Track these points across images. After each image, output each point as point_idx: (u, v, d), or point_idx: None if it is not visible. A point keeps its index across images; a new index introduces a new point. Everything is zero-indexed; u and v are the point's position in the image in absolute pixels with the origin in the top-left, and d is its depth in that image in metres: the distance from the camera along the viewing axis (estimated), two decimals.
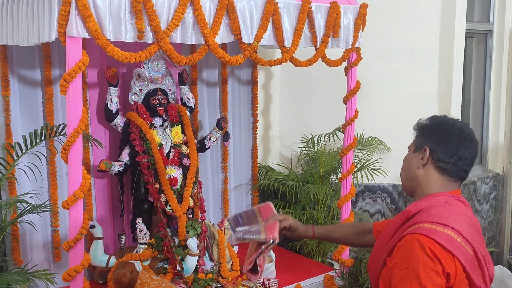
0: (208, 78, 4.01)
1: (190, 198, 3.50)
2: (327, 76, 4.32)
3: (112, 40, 2.50)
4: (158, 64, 3.47)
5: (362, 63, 3.61)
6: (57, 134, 2.90)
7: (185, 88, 3.69)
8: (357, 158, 4.26)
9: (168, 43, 2.65)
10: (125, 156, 3.43)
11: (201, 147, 3.72)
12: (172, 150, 3.50)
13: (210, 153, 4.03)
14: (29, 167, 2.92)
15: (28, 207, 2.79)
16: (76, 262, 2.47)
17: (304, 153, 4.42)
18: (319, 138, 4.34)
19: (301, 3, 3.16)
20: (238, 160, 4.28)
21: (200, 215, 3.65)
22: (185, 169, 3.52)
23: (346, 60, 3.57)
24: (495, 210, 5.22)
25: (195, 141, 3.66)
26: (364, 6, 3.46)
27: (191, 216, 3.64)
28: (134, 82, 3.46)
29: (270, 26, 3.08)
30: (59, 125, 2.91)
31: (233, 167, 4.24)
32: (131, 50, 2.63)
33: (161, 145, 3.45)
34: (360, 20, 3.47)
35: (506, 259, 5.18)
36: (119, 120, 3.43)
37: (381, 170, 4.18)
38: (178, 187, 3.46)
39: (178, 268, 3.30)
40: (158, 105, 3.48)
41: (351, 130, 3.67)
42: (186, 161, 3.53)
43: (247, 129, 4.32)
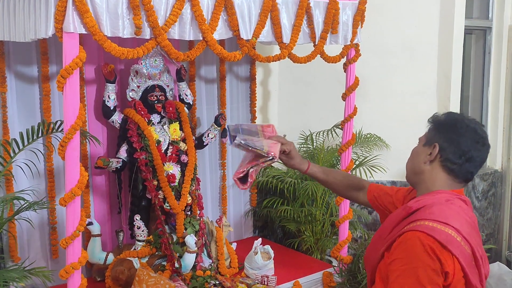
0: (206, 75, 4.00)
1: (188, 195, 3.49)
2: (326, 73, 4.31)
3: (110, 36, 2.48)
4: (156, 61, 3.45)
5: (361, 60, 3.60)
6: (54, 131, 2.89)
7: (183, 85, 3.67)
8: (356, 155, 4.26)
9: (166, 39, 2.63)
10: (123, 153, 3.42)
11: (199, 144, 3.71)
12: (170, 147, 3.49)
13: (208, 150, 4.02)
14: (26, 164, 2.91)
15: (25, 204, 2.78)
16: (74, 259, 2.45)
17: (303, 150, 4.41)
18: (318, 135, 4.33)
19: None
20: (237, 157, 4.26)
21: (198, 212, 3.64)
22: (183, 166, 3.51)
23: (345, 57, 3.56)
24: (494, 207, 5.22)
25: (193, 138, 3.64)
26: (363, 2, 3.45)
27: (189, 213, 3.64)
28: (132, 79, 3.45)
29: (269, 22, 3.06)
30: (56, 122, 2.90)
31: (231, 164, 4.23)
32: (129, 46, 2.61)
33: (159, 142, 3.44)
34: (359, 16, 3.45)
35: (505, 256, 5.18)
36: (117, 117, 3.41)
37: (380, 167, 4.18)
38: (176, 184, 3.45)
39: (176, 265, 3.30)
40: (156, 102, 3.46)
41: (350, 127, 3.66)
42: (184, 158, 3.52)
43: None
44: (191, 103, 3.73)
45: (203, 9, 2.74)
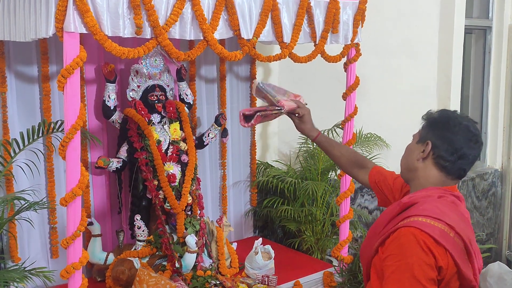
0: (207, 74, 4.00)
1: (189, 195, 3.49)
2: (326, 72, 4.30)
3: (110, 36, 2.47)
4: (156, 60, 3.45)
5: (361, 59, 3.60)
6: (55, 131, 2.89)
7: (184, 84, 3.67)
8: None
9: (167, 39, 2.63)
10: (123, 153, 3.42)
11: (200, 144, 3.70)
12: (171, 147, 3.48)
13: (209, 150, 4.02)
14: (27, 164, 2.90)
15: (26, 204, 2.77)
16: (74, 259, 2.45)
17: (303, 150, 4.41)
18: None
19: None
20: (237, 157, 4.27)
21: (199, 212, 3.64)
22: (184, 166, 3.51)
23: (345, 56, 3.55)
24: (494, 207, 5.22)
25: (194, 138, 3.64)
26: (364, 2, 3.44)
27: (190, 213, 3.63)
28: (132, 78, 3.44)
29: (269, 22, 3.06)
30: (57, 122, 2.89)
31: (232, 164, 4.23)
32: (129, 46, 2.60)
33: (160, 142, 3.44)
34: (360, 16, 3.45)
35: (505, 256, 5.19)
36: (117, 117, 3.41)
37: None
38: (177, 184, 3.45)
39: (177, 265, 3.29)
40: (156, 102, 3.46)
41: (350, 127, 3.65)
42: (185, 158, 3.52)
43: None
44: (192, 103, 3.73)
45: (204, 9, 2.74)
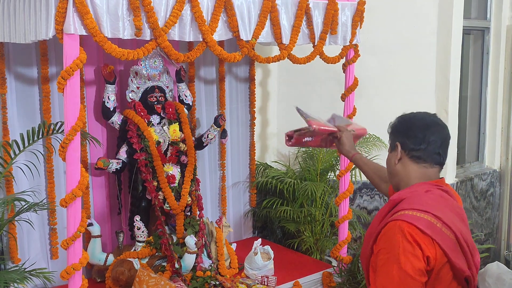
0: (206, 76, 4.01)
1: (188, 196, 3.50)
2: (325, 73, 4.32)
3: (110, 37, 2.48)
4: (156, 62, 3.46)
5: (360, 60, 3.61)
6: (55, 132, 2.89)
7: (183, 86, 3.68)
8: None
9: (166, 40, 2.64)
10: (123, 154, 3.43)
11: (199, 145, 3.71)
12: (170, 148, 3.49)
13: (208, 151, 4.03)
14: (27, 165, 2.91)
15: (26, 205, 2.78)
16: (75, 260, 2.46)
17: (302, 150, 4.41)
18: None
19: (299, 0, 3.15)
20: (236, 158, 4.28)
21: (198, 213, 3.65)
22: (183, 167, 3.52)
23: (344, 57, 3.57)
24: (492, 207, 5.23)
25: (193, 139, 3.65)
26: (362, 3, 3.46)
27: (189, 214, 3.64)
28: (132, 80, 3.45)
29: (268, 23, 3.07)
30: (57, 123, 2.90)
31: (231, 165, 4.24)
32: (128, 48, 2.61)
33: (159, 143, 3.45)
34: (358, 17, 3.46)
35: (503, 256, 5.20)
36: (117, 118, 3.41)
37: None
38: (176, 185, 3.46)
39: (176, 266, 3.30)
40: (156, 103, 3.47)
41: None
42: (184, 159, 3.52)
43: (245, 127, 4.32)
44: (191, 104, 3.74)
45: (203, 10, 2.75)
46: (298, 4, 3.16)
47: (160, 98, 3.48)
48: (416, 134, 1.96)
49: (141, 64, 3.41)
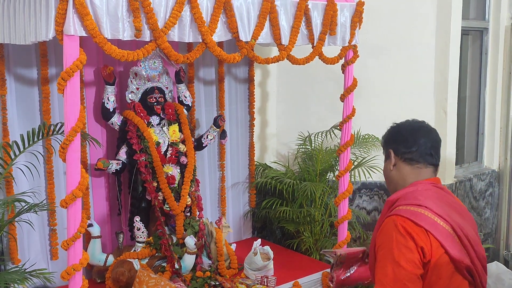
0: (205, 76, 4.01)
1: (188, 196, 3.50)
2: (324, 74, 4.33)
3: (109, 39, 2.49)
4: (155, 63, 3.47)
5: (359, 61, 3.61)
6: (55, 133, 2.89)
7: (182, 87, 3.69)
8: (354, 156, 4.27)
9: (166, 41, 2.64)
10: (123, 155, 3.43)
11: (199, 146, 3.72)
12: (170, 149, 3.50)
13: (207, 151, 4.04)
14: (27, 166, 2.92)
15: (26, 206, 2.79)
16: (75, 261, 2.46)
17: (301, 151, 4.42)
18: (316, 136, 4.34)
19: (298, 1, 3.16)
20: (235, 158, 4.28)
21: (198, 213, 3.65)
22: (183, 167, 3.52)
23: (343, 58, 3.57)
24: (491, 207, 5.24)
25: (193, 140, 3.66)
26: (361, 4, 3.46)
27: (189, 214, 3.65)
28: (131, 81, 3.46)
29: (267, 24, 3.07)
30: (57, 124, 2.90)
31: (230, 165, 4.24)
32: (127, 49, 2.62)
33: (159, 144, 3.45)
34: (357, 18, 3.47)
35: (502, 256, 5.21)
36: (116, 119, 3.42)
37: (378, 168, 4.18)
38: (176, 186, 3.46)
39: (176, 266, 3.31)
40: (155, 104, 3.47)
41: (348, 128, 3.67)
42: (184, 160, 3.53)
43: (244, 127, 4.32)
44: (190, 105, 3.74)
45: (203, 11, 2.76)
46: (297, 5, 3.16)
47: (160, 99, 3.49)
48: (406, 138, 2.04)
49: (141, 65, 3.42)
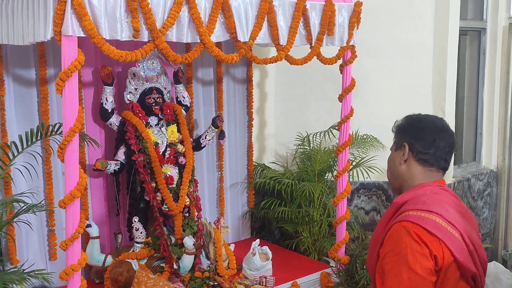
0: (203, 77, 4.02)
1: (186, 197, 3.50)
2: (322, 74, 4.33)
3: (108, 39, 2.49)
4: (153, 63, 3.47)
5: (357, 61, 3.62)
6: (53, 133, 2.89)
7: (180, 87, 3.69)
8: (352, 156, 4.28)
9: (164, 42, 2.65)
10: (121, 155, 3.43)
11: (197, 146, 3.72)
12: (168, 149, 3.50)
13: (206, 152, 4.04)
14: (25, 167, 2.92)
15: (24, 207, 2.78)
16: (73, 261, 2.46)
17: (300, 151, 4.42)
18: (315, 136, 4.35)
19: (296, 1, 3.17)
20: (234, 159, 4.29)
21: (197, 214, 3.66)
22: (181, 168, 3.52)
23: (341, 58, 3.58)
24: (490, 207, 5.25)
25: (191, 140, 3.66)
26: (359, 4, 3.47)
27: (187, 215, 3.65)
28: (129, 81, 3.46)
29: (265, 24, 3.08)
30: (55, 124, 2.90)
31: (229, 166, 4.24)
32: (126, 49, 2.62)
33: (157, 144, 3.45)
34: (355, 18, 3.47)
35: (501, 255, 5.21)
36: (115, 119, 3.42)
37: (376, 168, 4.19)
38: (174, 186, 3.46)
39: (175, 267, 3.31)
40: (154, 104, 3.48)
41: (347, 128, 3.68)
42: (182, 160, 3.53)
43: (243, 128, 4.33)
44: (189, 105, 3.75)
45: (201, 12, 2.76)
46: (295, 6, 3.17)
47: (158, 100, 3.49)
48: (426, 138, 1.93)
49: (139, 66, 3.42)
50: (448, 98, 4.51)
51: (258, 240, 3.65)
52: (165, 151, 3.49)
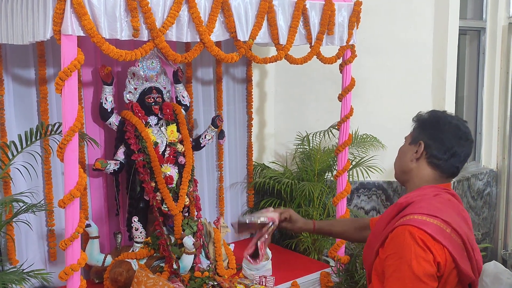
0: (203, 76, 4.01)
1: (186, 197, 3.50)
2: (322, 74, 4.33)
3: (107, 38, 2.49)
4: (153, 63, 3.46)
5: (357, 61, 3.62)
6: (52, 133, 2.89)
7: (180, 87, 3.68)
8: (352, 155, 4.28)
9: (164, 41, 2.64)
10: (121, 155, 3.43)
11: (197, 146, 3.72)
12: (168, 149, 3.49)
13: (206, 152, 4.03)
14: (24, 166, 2.91)
15: (24, 206, 2.78)
16: (73, 261, 2.46)
17: (299, 151, 4.42)
18: (314, 136, 4.35)
19: (296, 1, 3.16)
20: (233, 158, 4.28)
21: (196, 214, 3.65)
22: (181, 168, 3.52)
23: (341, 58, 3.58)
24: (489, 206, 5.25)
25: (191, 140, 3.65)
26: (358, 4, 3.47)
27: (187, 215, 3.65)
28: (129, 81, 3.46)
29: (265, 24, 3.08)
30: (54, 124, 2.90)
31: (229, 165, 4.24)
32: (126, 48, 2.62)
33: (157, 144, 3.45)
34: (355, 18, 3.47)
35: (500, 255, 5.21)
36: (114, 119, 3.42)
37: (376, 167, 4.19)
38: (174, 186, 3.46)
39: (175, 267, 3.30)
40: (153, 104, 3.47)
41: (346, 128, 3.68)
42: (182, 160, 3.53)
43: (242, 127, 4.32)
44: (188, 105, 3.74)
45: (200, 11, 2.76)
46: (295, 5, 3.17)
47: (158, 99, 3.49)
48: (445, 142, 1.88)
49: (139, 65, 3.42)
50: (448, 98, 4.51)
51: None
52: (165, 151, 3.49)
